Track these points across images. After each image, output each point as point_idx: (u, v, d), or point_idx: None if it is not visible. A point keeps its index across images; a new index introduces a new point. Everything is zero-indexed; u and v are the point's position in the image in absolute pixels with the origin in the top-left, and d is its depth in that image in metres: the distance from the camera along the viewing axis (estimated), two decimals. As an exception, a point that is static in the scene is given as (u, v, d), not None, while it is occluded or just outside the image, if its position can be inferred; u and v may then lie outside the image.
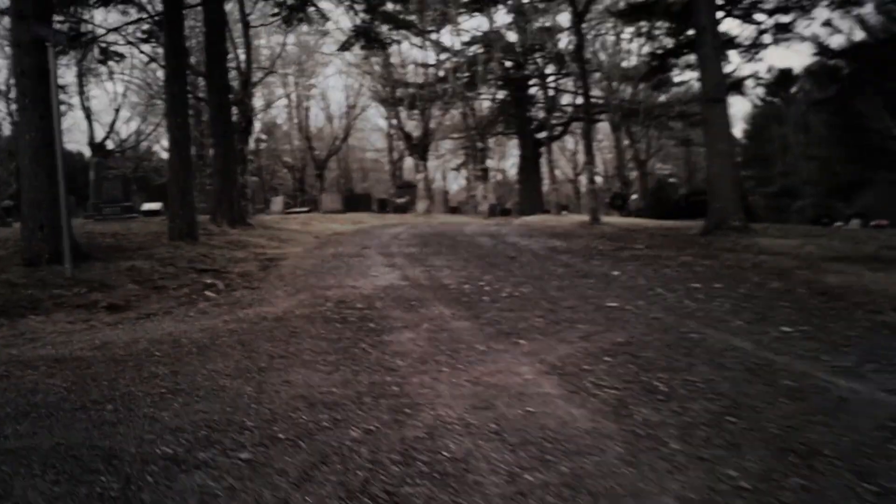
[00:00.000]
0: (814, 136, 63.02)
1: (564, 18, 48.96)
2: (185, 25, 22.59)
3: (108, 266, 13.44)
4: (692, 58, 29.73)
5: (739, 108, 74.11)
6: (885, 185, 47.04)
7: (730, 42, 29.45)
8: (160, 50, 30.47)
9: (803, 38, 32.06)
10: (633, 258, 15.03)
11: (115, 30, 28.66)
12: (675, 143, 67.34)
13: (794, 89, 68.94)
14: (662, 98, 53.93)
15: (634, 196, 55.00)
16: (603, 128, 60.58)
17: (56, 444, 4.94)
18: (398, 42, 47.46)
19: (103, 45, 29.23)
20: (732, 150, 20.38)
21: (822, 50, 41.56)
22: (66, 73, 49.57)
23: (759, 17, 28.87)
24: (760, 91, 68.37)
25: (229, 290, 12.33)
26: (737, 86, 38.96)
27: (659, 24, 30.63)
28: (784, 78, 64.03)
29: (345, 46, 39.01)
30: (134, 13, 30.00)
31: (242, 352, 7.53)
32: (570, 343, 7.51)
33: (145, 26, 29.36)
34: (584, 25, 31.04)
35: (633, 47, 52.72)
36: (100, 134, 51.94)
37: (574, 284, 11.58)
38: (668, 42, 30.83)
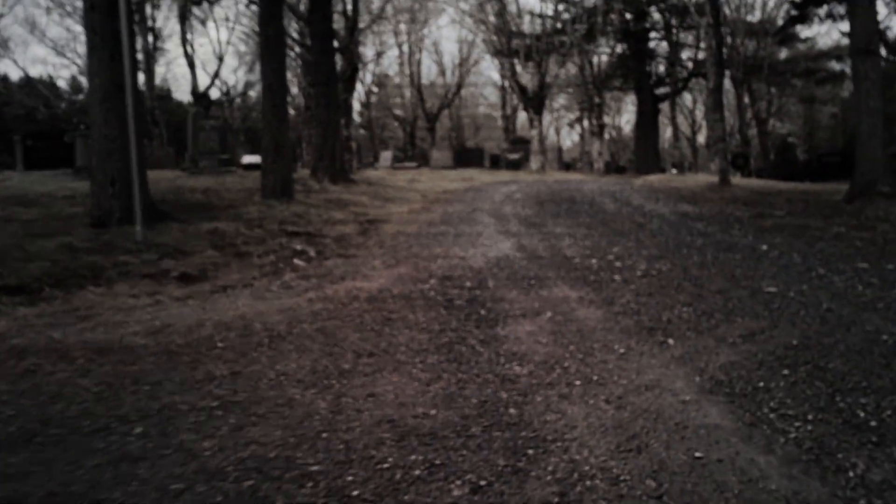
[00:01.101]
0: None
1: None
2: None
3: (187, 228, 12.21)
4: (834, 7, 27.56)
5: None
6: None
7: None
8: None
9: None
10: (778, 228, 13.34)
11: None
12: (797, 101, 64.96)
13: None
14: (784, 54, 51.77)
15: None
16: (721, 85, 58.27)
17: (47, 497, 3.62)
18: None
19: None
20: (883, 108, 18.35)
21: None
22: (168, 22, 49.20)
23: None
24: None
25: (321, 259, 11.04)
26: (883, 39, 36.28)
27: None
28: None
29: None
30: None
31: (323, 345, 6.21)
32: (731, 345, 6.00)
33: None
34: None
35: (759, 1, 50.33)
36: (205, 83, 51.20)
37: (718, 260, 10.00)
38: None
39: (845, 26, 29.82)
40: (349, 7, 29.61)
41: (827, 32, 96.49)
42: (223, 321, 7.12)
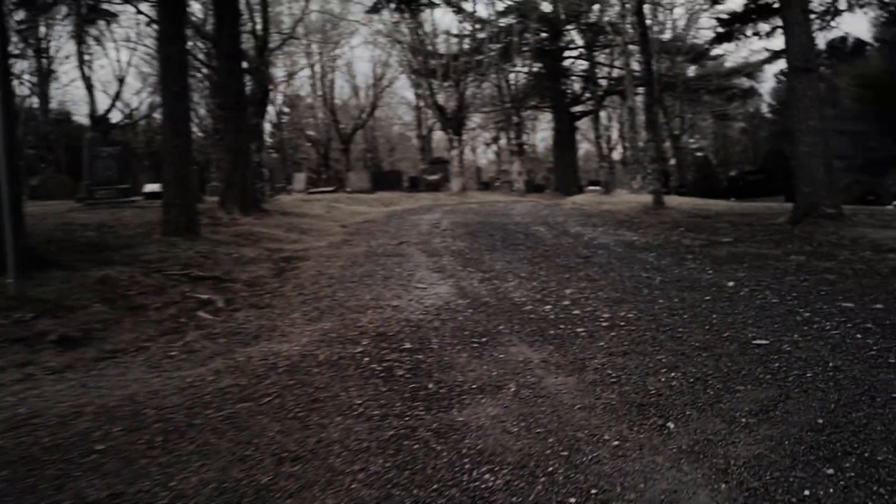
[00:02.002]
0: (844, 111, 60.81)
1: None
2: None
3: (72, 276, 10.56)
4: (759, 25, 26.91)
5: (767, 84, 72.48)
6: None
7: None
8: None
9: (882, 4, 29.03)
10: (734, 258, 12.28)
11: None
12: (711, 119, 65.82)
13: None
14: (692, 72, 52.36)
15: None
16: (623, 104, 58.47)
17: None
18: (431, 6, 45.20)
19: (91, 1, 26.55)
20: (825, 126, 17.55)
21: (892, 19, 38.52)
22: (66, 43, 47.16)
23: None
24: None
25: (230, 310, 9.60)
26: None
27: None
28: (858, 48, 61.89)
29: (375, 8, 36.91)
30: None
31: (234, 443, 4.89)
32: (745, 429, 4.86)
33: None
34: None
35: (670, 19, 50.60)
36: (106, 106, 49.09)
37: (686, 303, 8.82)
38: (737, 6, 28.03)
39: (772, 43, 29.44)
40: (259, 26, 28.01)
41: (736, 50, 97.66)
42: (107, 406, 5.72)
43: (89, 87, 44.39)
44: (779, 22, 25.98)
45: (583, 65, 58.17)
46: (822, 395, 5.36)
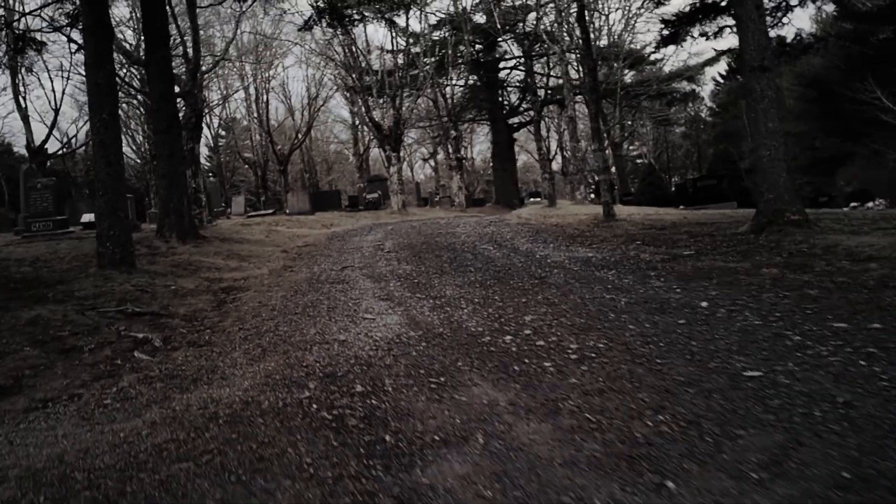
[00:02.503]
0: (787, 111, 61.46)
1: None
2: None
3: (2, 317, 9.96)
4: (707, 25, 26.63)
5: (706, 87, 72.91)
6: (869, 159, 44.74)
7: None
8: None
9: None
10: (701, 274, 11.74)
11: (31, 13, 25.09)
12: (651, 125, 66.08)
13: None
14: (629, 78, 52.47)
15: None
16: (562, 113, 58.57)
17: None
18: (364, 21, 44.76)
19: (18, 30, 25.67)
20: (783, 128, 17.20)
21: (846, 13, 38.52)
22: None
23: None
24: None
25: (168, 350, 9.06)
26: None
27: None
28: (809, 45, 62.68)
29: (307, 26, 36.45)
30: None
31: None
32: (759, 486, 4.25)
33: (69, 7, 25.56)
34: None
35: (605, 26, 50.57)
36: (43, 136, 48.02)
37: (659, 328, 8.30)
38: (684, 6, 27.70)
39: (719, 44, 29.19)
40: (190, 50, 27.27)
41: (675, 53, 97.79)
42: (32, 469, 5.17)
43: (25, 117, 43.34)
44: (727, 21, 25.69)
45: (519, 75, 58.33)
46: (839, 440, 4.78)
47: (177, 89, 24.02)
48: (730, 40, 25.90)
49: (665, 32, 26.92)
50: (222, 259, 17.50)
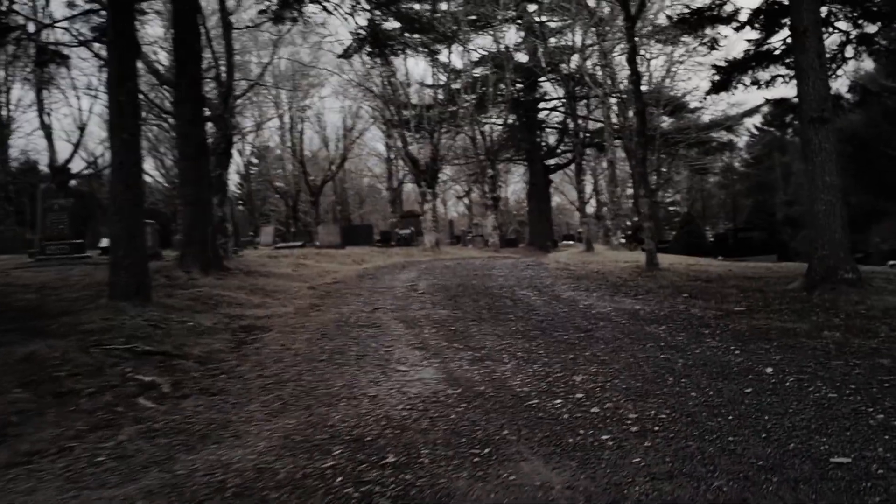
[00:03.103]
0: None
1: (578, 38, 47.16)
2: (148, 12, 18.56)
3: (-7, 354, 9.20)
4: (760, 74, 25.64)
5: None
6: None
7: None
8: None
9: (889, 51, 27.85)
10: (758, 335, 10.81)
11: (54, 24, 24.46)
12: (686, 173, 65.38)
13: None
14: (667, 125, 51.69)
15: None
16: (601, 155, 58.00)
17: None
18: (405, 52, 44.28)
19: (40, 43, 25.06)
20: (841, 182, 16.24)
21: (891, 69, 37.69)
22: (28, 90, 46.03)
23: (841, 24, 24.85)
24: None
25: (177, 396, 8.18)
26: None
27: (725, 31, 26.68)
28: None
29: (348, 53, 35.93)
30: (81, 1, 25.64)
31: None
32: None
33: (97, 20, 24.87)
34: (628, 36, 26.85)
35: (647, 72, 49.99)
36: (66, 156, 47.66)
37: (725, 397, 7.39)
38: (737, 52, 26.81)
39: (770, 93, 28.13)
40: (224, 72, 26.55)
41: (714, 104, 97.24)
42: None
43: (48, 135, 43.02)
44: (780, 70, 24.72)
45: (558, 116, 57.73)
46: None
47: (206, 112, 23.30)
48: (781, 90, 25.32)
49: (716, 78, 25.86)
50: (245, 294, 16.66)
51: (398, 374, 8.75)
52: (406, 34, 39.21)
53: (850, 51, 25.44)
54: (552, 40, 50.78)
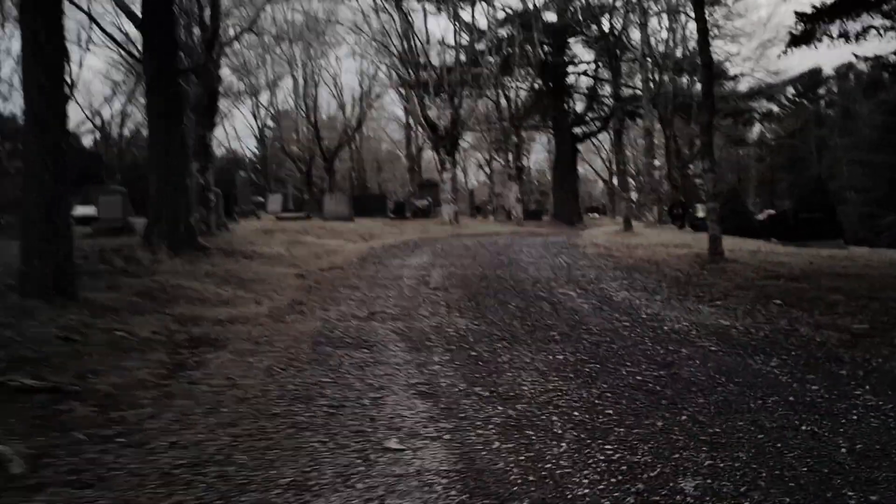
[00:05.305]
0: (860, 139, 58.62)
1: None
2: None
3: None
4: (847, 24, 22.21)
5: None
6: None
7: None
8: None
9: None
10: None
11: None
12: (724, 144, 63.22)
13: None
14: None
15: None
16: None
17: None
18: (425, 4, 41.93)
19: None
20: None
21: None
22: None
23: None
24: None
25: (29, 486, 4.84)
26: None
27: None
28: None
29: None
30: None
31: None
32: None
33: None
34: None
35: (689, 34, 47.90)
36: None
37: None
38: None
39: (860, 48, 24.95)
40: (208, 14, 22.78)
41: (751, 72, 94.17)
42: None
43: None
44: (875, 21, 21.18)
45: (587, 82, 55.24)
46: None
47: (185, 62, 20.06)
48: (872, 45, 22.14)
49: (799, 28, 22.52)
50: (214, 284, 13.48)
51: (385, 460, 5.37)
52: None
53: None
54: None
